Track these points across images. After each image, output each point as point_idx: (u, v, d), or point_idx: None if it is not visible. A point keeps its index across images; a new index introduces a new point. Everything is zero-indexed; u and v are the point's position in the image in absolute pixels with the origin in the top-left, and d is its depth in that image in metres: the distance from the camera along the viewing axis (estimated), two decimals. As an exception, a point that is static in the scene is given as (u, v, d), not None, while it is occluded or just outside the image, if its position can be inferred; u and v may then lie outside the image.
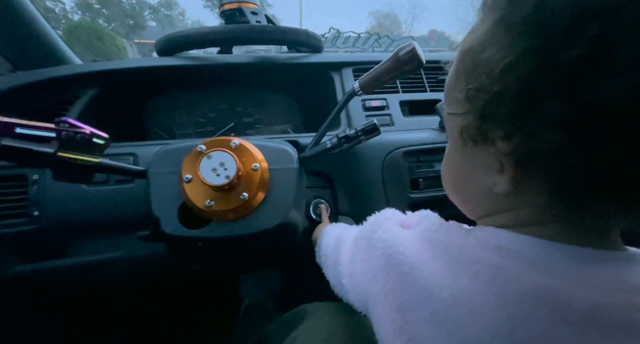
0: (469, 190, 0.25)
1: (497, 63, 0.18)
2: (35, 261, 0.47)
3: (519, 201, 0.21)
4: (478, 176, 0.23)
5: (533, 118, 0.17)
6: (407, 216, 0.32)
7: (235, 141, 0.42)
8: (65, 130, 0.34)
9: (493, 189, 0.22)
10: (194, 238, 0.41)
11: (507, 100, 0.18)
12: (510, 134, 0.19)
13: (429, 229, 0.25)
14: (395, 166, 0.57)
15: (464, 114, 0.21)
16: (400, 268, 0.24)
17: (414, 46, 0.44)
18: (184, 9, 22.06)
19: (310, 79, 0.75)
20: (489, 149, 0.21)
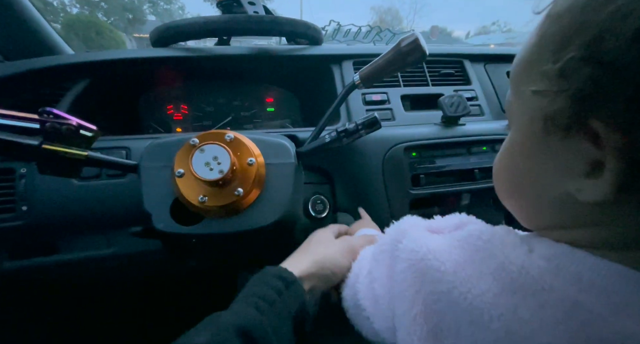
0: (536, 194, 0.20)
1: (621, 22, 0.13)
2: (25, 257, 0.46)
3: (612, 215, 0.16)
4: (555, 177, 0.18)
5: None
6: (436, 220, 0.28)
7: (230, 134, 0.41)
8: (50, 121, 0.33)
9: (576, 195, 0.17)
10: (187, 235, 0.40)
11: (629, 76, 0.13)
12: (627, 124, 0.14)
13: (476, 238, 0.21)
14: (396, 161, 0.56)
15: (552, 95, 0.16)
16: (435, 286, 0.20)
17: (417, 37, 0.43)
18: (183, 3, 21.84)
19: (309, 72, 0.73)
20: (579, 145, 0.16)
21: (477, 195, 0.61)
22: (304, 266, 0.34)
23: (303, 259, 0.36)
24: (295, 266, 0.34)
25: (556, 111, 0.16)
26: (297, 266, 0.34)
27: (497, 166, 0.24)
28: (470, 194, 0.62)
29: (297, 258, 0.37)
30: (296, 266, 0.34)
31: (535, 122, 0.18)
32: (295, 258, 0.37)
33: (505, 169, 0.23)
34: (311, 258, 0.36)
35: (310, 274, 0.34)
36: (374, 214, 0.57)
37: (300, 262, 0.35)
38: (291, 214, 0.44)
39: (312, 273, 0.34)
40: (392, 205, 0.56)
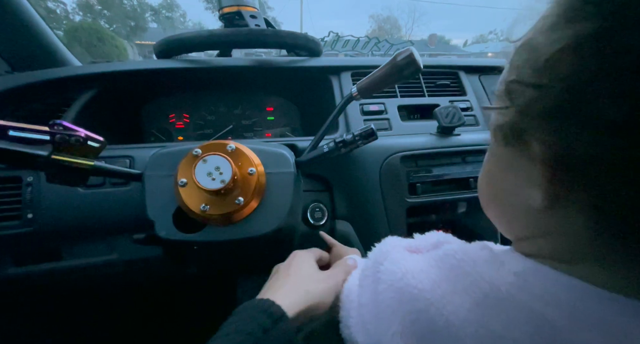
0: (506, 202, 0.22)
1: (546, 50, 0.16)
2: (29, 263, 0.47)
3: (557, 223, 0.18)
4: (518, 186, 0.20)
5: (580, 117, 0.15)
6: (415, 240, 0.28)
7: (232, 144, 0.42)
8: (60, 133, 0.34)
9: (530, 203, 0.18)
10: (188, 242, 0.41)
11: (552, 94, 0.15)
12: (550, 136, 0.16)
13: (450, 256, 0.22)
14: (393, 170, 0.57)
15: (503, 111, 0.19)
16: (413, 304, 0.20)
17: (412, 51, 0.44)
18: (185, 11, 22.18)
19: (309, 82, 0.75)
20: (527, 154, 0.18)
21: (473, 203, 0.63)
22: (292, 300, 0.30)
23: (291, 293, 0.31)
24: (283, 299, 0.29)
25: (503, 124, 0.19)
26: (284, 299, 0.29)
27: (480, 176, 0.26)
28: (467, 202, 0.63)
29: (284, 289, 0.32)
30: (283, 299, 0.29)
31: (496, 134, 0.20)
32: (281, 289, 0.32)
33: (484, 179, 0.25)
34: (301, 292, 0.31)
35: (300, 312, 0.29)
36: (372, 222, 0.58)
37: (287, 295, 0.30)
38: (290, 222, 0.45)
39: (301, 310, 0.30)
40: (390, 213, 0.57)
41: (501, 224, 0.24)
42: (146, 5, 19.31)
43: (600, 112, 0.14)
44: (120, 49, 9.04)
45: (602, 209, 0.15)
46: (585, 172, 0.15)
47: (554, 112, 0.15)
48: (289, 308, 0.29)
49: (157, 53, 0.68)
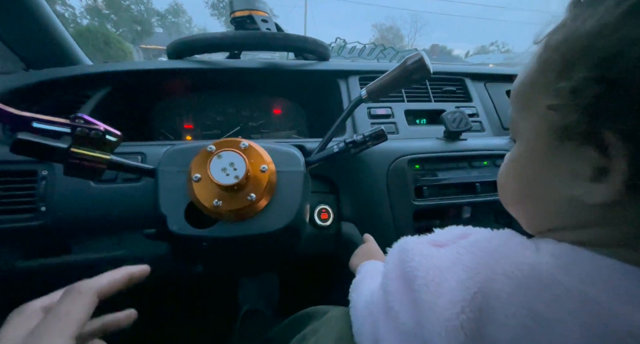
0: (544, 200, 0.22)
1: (628, 47, 0.15)
2: (39, 257, 0.47)
3: (616, 215, 0.18)
4: (562, 183, 0.20)
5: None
6: (437, 234, 0.27)
7: (245, 142, 0.43)
8: (80, 126, 0.35)
9: (583, 198, 0.19)
10: (199, 237, 0.41)
11: (632, 90, 0.15)
12: (631, 133, 0.16)
13: (485, 241, 0.22)
14: (399, 173, 0.58)
15: (565, 110, 0.18)
16: (459, 295, 0.20)
17: (422, 56, 0.45)
18: (190, 16, 22.51)
19: (317, 86, 0.76)
20: (587, 153, 0.18)
21: (478, 208, 0.63)
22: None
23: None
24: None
25: (568, 124, 0.18)
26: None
27: (503, 176, 0.26)
28: (472, 207, 0.63)
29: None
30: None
31: (545, 134, 0.20)
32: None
33: (513, 178, 0.25)
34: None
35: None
36: (378, 224, 0.58)
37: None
38: (299, 220, 0.46)
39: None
40: (396, 215, 0.58)
41: (528, 219, 0.25)
42: (153, 11, 19.62)
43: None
44: (126, 52, 9.16)
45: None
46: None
47: (636, 108, 0.15)
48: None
49: (169, 53, 0.70)
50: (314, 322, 0.40)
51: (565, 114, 0.18)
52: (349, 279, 0.43)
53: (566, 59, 0.18)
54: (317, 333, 0.37)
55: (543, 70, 0.20)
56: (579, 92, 0.17)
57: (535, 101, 0.21)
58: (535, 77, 0.21)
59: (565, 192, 0.20)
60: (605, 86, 0.16)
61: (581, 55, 0.17)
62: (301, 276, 0.94)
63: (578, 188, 0.19)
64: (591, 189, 0.18)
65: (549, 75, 0.19)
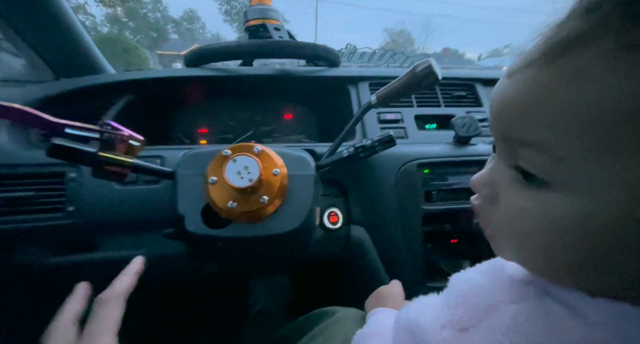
0: (610, 274, 0.17)
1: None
2: (66, 254, 0.50)
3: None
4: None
5: None
6: (454, 307, 0.22)
7: (258, 147, 0.45)
8: (108, 131, 0.38)
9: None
10: (215, 237, 0.43)
11: None
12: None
13: (527, 324, 0.18)
14: (409, 177, 0.59)
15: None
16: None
17: (431, 63, 0.46)
18: (204, 23, 23.15)
19: (327, 91, 0.78)
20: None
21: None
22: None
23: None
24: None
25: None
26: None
27: (544, 239, 0.18)
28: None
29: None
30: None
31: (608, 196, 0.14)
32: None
33: (571, 245, 0.17)
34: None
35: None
36: (387, 228, 0.59)
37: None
38: (310, 223, 0.47)
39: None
40: (405, 219, 0.58)
41: (560, 279, 0.19)
42: (168, 18, 20.27)
43: None
44: (142, 58, 9.49)
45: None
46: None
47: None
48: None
49: (187, 62, 0.73)
50: (323, 322, 0.41)
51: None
52: (358, 282, 0.44)
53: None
54: (326, 333, 0.38)
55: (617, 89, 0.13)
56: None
57: (635, 143, 0.13)
58: (628, 107, 0.13)
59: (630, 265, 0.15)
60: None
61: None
62: (311, 278, 0.95)
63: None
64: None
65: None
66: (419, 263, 0.59)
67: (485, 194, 0.22)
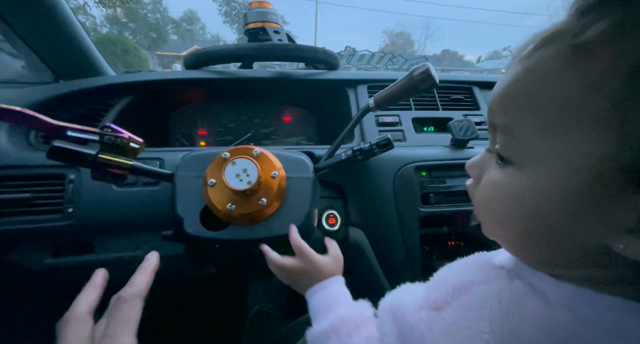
0: (558, 242, 0.19)
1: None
2: (65, 255, 0.50)
3: (632, 262, 0.16)
4: (593, 231, 0.17)
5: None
6: (431, 290, 0.24)
7: (257, 149, 0.45)
8: (108, 134, 0.38)
9: (619, 251, 0.16)
10: (213, 239, 0.43)
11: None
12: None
13: (492, 300, 0.20)
14: (406, 180, 0.59)
15: (626, 150, 0.14)
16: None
17: (428, 67, 0.47)
18: (204, 24, 23.18)
19: (326, 94, 0.79)
20: (637, 202, 0.15)
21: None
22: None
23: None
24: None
25: (623, 164, 0.14)
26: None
27: (504, 210, 0.21)
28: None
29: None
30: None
31: (586, 172, 0.16)
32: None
33: (520, 217, 0.20)
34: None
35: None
36: (385, 230, 0.59)
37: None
38: (308, 225, 0.48)
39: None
40: (402, 221, 0.59)
41: (528, 256, 0.22)
42: (168, 19, 20.30)
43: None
44: (142, 59, 9.49)
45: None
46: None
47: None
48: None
49: (187, 64, 0.73)
50: None
51: (633, 155, 0.14)
52: (355, 283, 0.44)
53: (637, 80, 0.14)
54: None
55: (588, 88, 0.15)
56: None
57: (573, 124, 0.16)
58: (570, 94, 0.16)
59: (594, 240, 0.17)
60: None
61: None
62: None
63: (613, 239, 0.16)
64: (632, 243, 0.15)
65: (601, 98, 0.15)
66: (416, 264, 0.59)
67: (474, 175, 0.25)
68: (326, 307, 0.34)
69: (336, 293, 0.36)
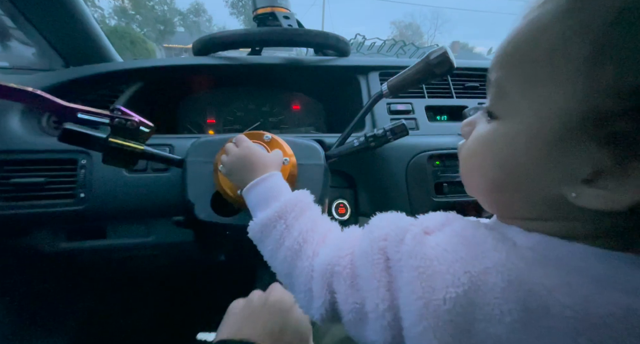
0: (526, 192, 0.20)
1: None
2: (79, 240, 0.51)
3: (597, 215, 0.17)
4: (553, 179, 0.18)
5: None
6: (423, 219, 0.26)
7: (268, 135, 0.44)
8: (118, 117, 0.37)
9: (572, 200, 0.17)
10: (224, 225, 0.43)
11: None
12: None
13: (467, 230, 0.21)
14: (419, 169, 0.58)
15: (593, 100, 0.15)
16: (448, 290, 0.19)
17: (446, 50, 0.45)
18: (211, 15, 23.02)
19: (336, 81, 0.77)
20: (592, 152, 0.16)
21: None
22: None
23: None
24: None
25: (601, 117, 0.15)
26: None
27: (475, 159, 0.23)
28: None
29: None
30: None
31: (555, 121, 0.17)
32: None
33: (493, 165, 0.21)
34: None
35: None
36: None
37: None
38: (319, 212, 0.47)
39: None
40: (415, 211, 0.57)
41: (500, 207, 0.23)
42: (175, 11, 20.23)
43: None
44: (149, 51, 9.51)
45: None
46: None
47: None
48: None
49: (195, 50, 0.72)
50: None
51: (601, 102, 0.15)
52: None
53: (621, 24, 0.14)
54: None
55: (574, 35, 0.16)
56: (634, 76, 0.14)
57: (551, 75, 0.17)
58: (557, 43, 0.16)
59: (554, 189, 0.18)
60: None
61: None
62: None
63: (568, 189, 0.18)
64: (585, 192, 0.17)
65: (583, 44, 0.15)
66: (428, 255, 0.58)
67: (465, 133, 0.26)
68: (270, 197, 0.35)
69: (277, 185, 0.36)
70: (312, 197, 0.36)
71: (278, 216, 0.32)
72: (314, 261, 0.28)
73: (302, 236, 0.30)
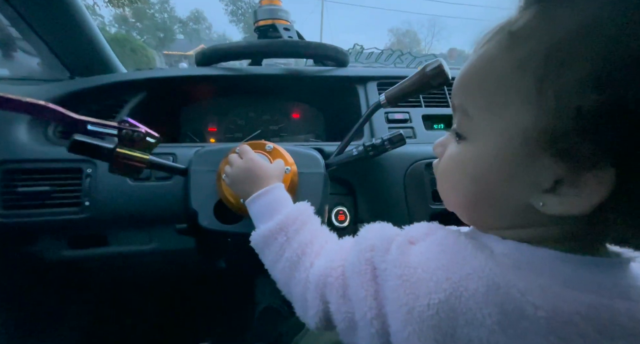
0: (499, 203, 0.22)
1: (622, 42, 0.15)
2: (82, 247, 0.52)
3: (563, 220, 0.19)
4: (521, 191, 0.20)
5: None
6: (411, 229, 0.27)
7: (270, 144, 0.46)
8: (126, 128, 0.39)
9: (539, 208, 0.19)
10: (226, 233, 0.44)
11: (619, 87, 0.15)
12: (633, 163, 0.16)
13: (449, 239, 0.23)
14: (417, 177, 0.59)
15: (545, 119, 0.17)
16: (431, 296, 0.20)
17: (441, 63, 0.47)
18: (210, 23, 23.30)
19: (335, 91, 0.79)
20: (550, 164, 0.18)
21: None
22: None
23: None
24: None
25: (552, 135, 0.17)
26: None
27: (451, 177, 0.25)
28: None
29: None
30: None
31: (516, 139, 0.19)
32: None
33: (467, 181, 0.23)
34: None
35: None
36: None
37: None
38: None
39: None
40: (413, 218, 0.59)
41: (478, 221, 0.25)
42: (175, 18, 20.45)
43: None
44: (149, 58, 9.58)
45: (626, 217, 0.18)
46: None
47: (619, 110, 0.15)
48: None
49: (198, 61, 0.74)
50: None
51: (548, 123, 0.17)
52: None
53: (552, 61, 0.17)
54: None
55: (517, 68, 0.18)
56: (569, 101, 0.16)
57: (506, 101, 0.19)
58: (505, 74, 0.19)
59: (522, 200, 0.20)
60: (607, 95, 0.15)
61: (576, 50, 0.16)
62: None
63: (535, 198, 0.19)
64: (549, 201, 0.19)
65: (526, 76, 0.18)
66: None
67: (439, 153, 0.28)
68: (272, 209, 0.36)
69: (279, 197, 0.38)
70: (313, 209, 0.37)
71: (280, 229, 0.33)
72: (309, 272, 0.30)
73: (301, 248, 0.32)
